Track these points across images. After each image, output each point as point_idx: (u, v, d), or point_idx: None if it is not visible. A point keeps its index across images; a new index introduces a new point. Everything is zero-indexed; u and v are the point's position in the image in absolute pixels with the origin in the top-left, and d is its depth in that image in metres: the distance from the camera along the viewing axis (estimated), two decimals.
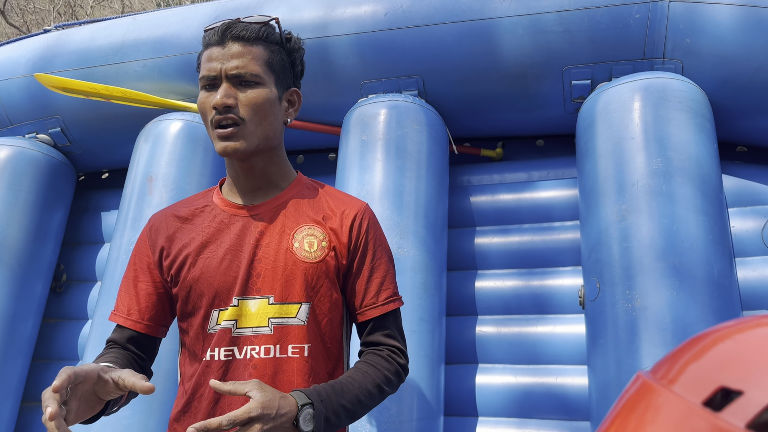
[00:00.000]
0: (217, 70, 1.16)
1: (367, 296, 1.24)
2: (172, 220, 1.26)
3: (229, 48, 1.16)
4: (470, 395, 2.19)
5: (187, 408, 1.20)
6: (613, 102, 2.08)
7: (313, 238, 1.22)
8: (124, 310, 1.24)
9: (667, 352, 1.67)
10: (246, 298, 1.17)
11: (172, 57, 2.52)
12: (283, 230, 1.21)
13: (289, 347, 1.17)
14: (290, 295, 1.18)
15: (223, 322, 1.17)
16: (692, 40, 2.08)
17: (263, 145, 1.19)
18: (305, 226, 1.22)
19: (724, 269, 1.81)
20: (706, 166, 1.93)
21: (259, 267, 1.18)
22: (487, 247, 2.41)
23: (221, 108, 1.14)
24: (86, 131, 2.72)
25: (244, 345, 1.16)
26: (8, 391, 2.41)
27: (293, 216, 1.23)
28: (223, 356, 1.16)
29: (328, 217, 1.25)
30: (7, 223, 2.50)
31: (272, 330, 1.16)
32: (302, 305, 1.18)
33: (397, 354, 1.25)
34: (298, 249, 1.20)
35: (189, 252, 1.21)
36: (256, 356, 1.15)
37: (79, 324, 2.69)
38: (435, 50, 2.29)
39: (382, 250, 1.29)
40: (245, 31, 1.17)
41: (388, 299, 1.26)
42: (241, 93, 1.16)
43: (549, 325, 2.21)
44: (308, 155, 2.84)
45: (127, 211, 2.41)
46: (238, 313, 1.17)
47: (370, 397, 1.16)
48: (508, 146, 2.67)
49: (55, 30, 2.85)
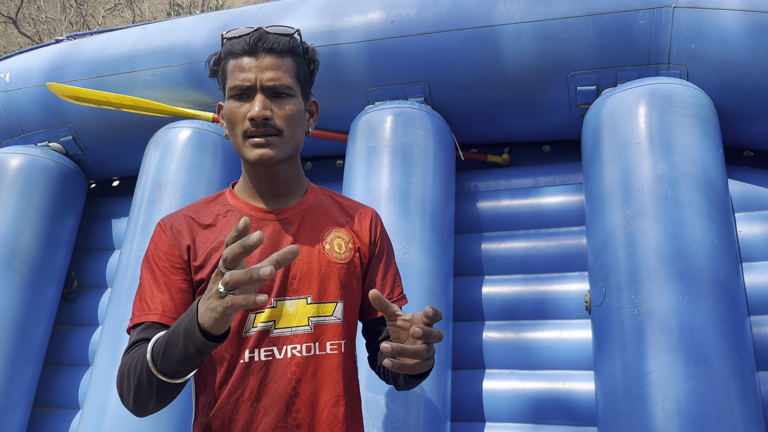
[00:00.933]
0: (251, 81, 1.18)
1: (384, 291, 1.33)
2: (192, 223, 1.26)
3: (262, 59, 1.19)
4: (477, 400, 2.20)
5: (221, 413, 1.19)
6: (618, 107, 2.09)
7: (341, 240, 1.30)
8: (158, 308, 1.18)
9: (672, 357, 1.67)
10: (284, 299, 1.21)
11: (182, 66, 2.55)
12: (313, 233, 1.27)
13: (327, 344, 1.22)
14: (326, 295, 1.24)
15: (260, 324, 1.19)
16: (697, 45, 2.09)
17: (293, 154, 1.25)
18: (332, 229, 1.30)
19: (731, 274, 1.81)
20: (712, 171, 1.93)
21: (295, 269, 1.22)
22: (493, 253, 2.42)
23: (260, 120, 1.16)
24: (97, 139, 2.76)
25: (284, 344, 1.19)
26: (20, 397, 2.44)
27: (320, 220, 1.30)
28: (264, 356, 1.19)
29: (348, 221, 1.34)
30: (20, 230, 2.54)
31: (312, 328, 1.22)
32: (338, 303, 1.25)
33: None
34: (330, 251, 1.27)
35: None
36: (297, 354, 1.19)
37: (90, 330, 2.71)
38: (441, 57, 2.31)
39: (390, 251, 1.40)
40: (277, 44, 1.20)
41: (400, 295, 1.37)
42: (275, 105, 1.19)
43: (555, 330, 2.21)
44: (316, 162, 2.86)
45: (137, 218, 2.43)
46: (276, 314, 1.20)
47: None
48: (514, 152, 2.68)
49: (67, 40, 2.90)
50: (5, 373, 2.39)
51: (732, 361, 1.69)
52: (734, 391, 1.67)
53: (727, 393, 1.66)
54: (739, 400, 1.66)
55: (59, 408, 2.61)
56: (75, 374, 2.63)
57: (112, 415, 2.10)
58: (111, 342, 2.24)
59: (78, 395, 2.59)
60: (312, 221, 1.29)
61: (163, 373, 1.02)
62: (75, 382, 2.61)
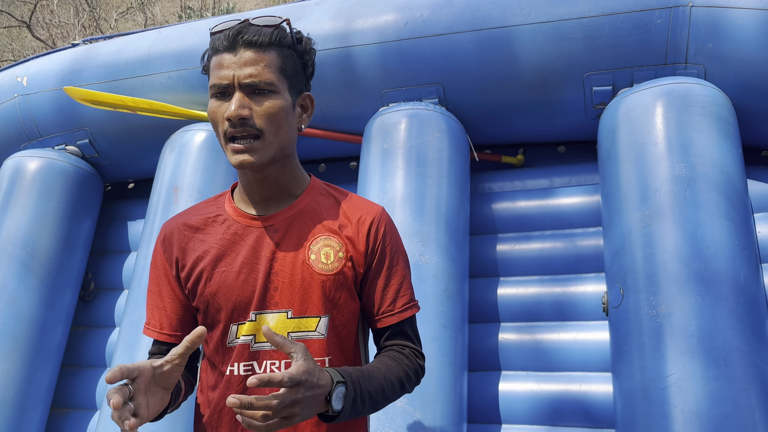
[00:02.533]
0: (229, 78, 1.09)
1: (384, 303, 1.22)
2: (184, 229, 1.23)
3: (241, 55, 1.10)
4: (493, 402, 2.19)
5: (210, 420, 1.21)
6: (635, 108, 2.07)
7: (330, 249, 1.19)
8: (156, 325, 1.23)
9: (691, 359, 1.65)
10: (264, 313, 1.16)
11: (197, 69, 2.56)
12: (299, 242, 1.18)
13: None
14: (308, 309, 1.16)
15: (242, 337, 1.17)
16: (714, 44, 2.07)
17: (279, 155, 1.15)
18: (321, 237, 1.19)
19: (750, 275, 1.79)
20: (731, 171, 1.91)
21: (276, 280, 1.16)
22: (509, 254, 2.41)
23: (236, 120, 1.08)
24: (113, 142, 2.78)
25: (263, 359, 1.16)
26: (38, 398, 2.47)
27: (308, 226, 1.20)
28: (243, 371, 1.16)
29: (344, 226, 1.22)
30: (38, 233, 2.57)
31: None
32: (321, 318, 1.17)
33: (416, 355, 1.25)
34: (315, 261, 1.17)
35: (204, 265, 1.19)
36: (276, 370, 1.15)
37: (107, 332, 2.73)
38: (455, 59, 2.30)
39: (399, 255, 1.26)
40: (257, 36, 1.10)
41: (405, 306, 1.23)
42: (255, 103, 1.10)
43: (572, 332, 2.20)
44: (330, 164, 2.86)
45: (153, 221, 2.45)
46: (256, 327, 1.16)
47: (393, 390, 1.16)
48: (529, 153, 2.67)
49: (83, 44, 2.92)
50: (24, 375, 2.42)
51: (753, 363, 1.67)
52: (755, 393, 1.65)
53: (748, 395, 1.64)
54: (759, 403, 1.64)
55: (77, 409, 2.63)
56: (93, 375, 2.66)
57: None
58: (128, 343, 2.26)
59: (96, 396, 2.61)
60: (299, 228, 1.20)
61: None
62: (93, 383, 2.63)
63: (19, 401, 2.39)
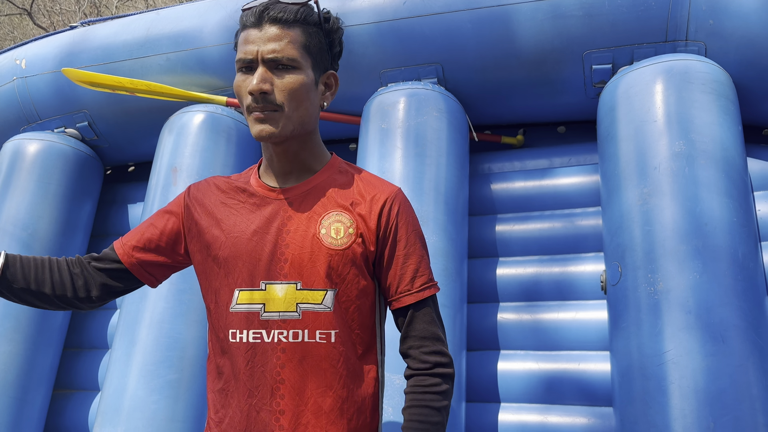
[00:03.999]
0: (253, 53, 1.14)
1: (402, 283, 1.22)
2: (214, 189, 1.30)
3: (266, 30, 1.15)
4: (492, 381, 2.20)
5: (226, 386, 1.22)
6: (634, 85, 2.06)
7: (340, 224, 1.21)
8: (125, 239, 1.32)
9: (689, 335, 1.66)
10: (273, 283, 1.18)
11: (194, 50, 2.56)
12: (311, 216, 1.21)
13: (316, 332, 1.17)
14: (315, 282, 1.18)
15: (250, 305, 1.18)
16: (715, 21, 2.05)
17: (299, 130, 1.18)
18: (333, 212, 1.21)
19: (749, 252, 1.79)
20: (731, 149, 1.90)
21: (287, 252, 1.19)
22: (508, 234, 2.40)
23: (257, 94, 1.13)
24: (112, 125, 2.78)
25: (272, 329, 1.17)
26: (41, 379, 2.49)
27: (322, 201, 1.22)
28: (252, 338, 1.18)
29: (356, 203, 1.23)
30: (38, 216, 2.57)
31: (300, 315, 1.17)
32: (327, 292, 1.18)
33: (439, 357, 1.20)
34: (325, 236, 1.19)
35: (220, 229, 1.23)
36: (284, 340, 1.17)
37: (109, 313, 2.75)
38: (454, 38, 2.29)
39: (415, 235, 1.25)
40: (283, 13, 1.15)
41: (423, 286, 1.22)
42: (277, 78, 1.14)
43: (571, 311, 2.20)
44: (329, 146, 2.86)
45: (152, 202, 2.45)
46: (266, 297, 1.18)
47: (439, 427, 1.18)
48: (529, 133, 2.66)
49: (81, 26, 2.91)
50: (27, 356, 2.43)
51: (750, 340, 1.67)
52: (752, 369, 1.65)
53: (745, 371, 1.64)
54: (757, 379, 1.64)
55: (79, 390, 2.66)
56: (95, 357, 2.67)
57: (131, 395, 2.13)
58: (128, 325, 2.27)
59: (98, 377, 2.63)
60: (312, 203, 1.22)
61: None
62: (95, 364, 2.65)
63: (21, 382, 2.41)
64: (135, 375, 2.16)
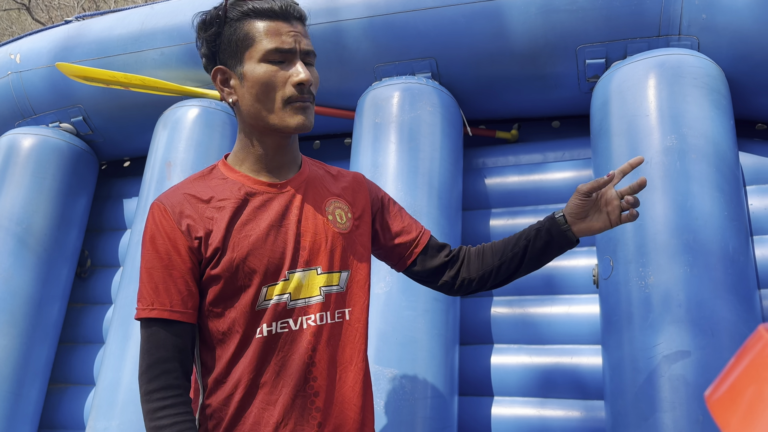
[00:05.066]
0: (292, 45, 1.18)
1: (413, 230, 1.41)
2: (194, 201, 1.20)
3: (295, 25, 1.20)
4: (485, 375, 2.20)
5: (241, 389, 1.16)
6: (627, 80, 2.06)
7: (341, 210, 1.30)
8: (165, 303, 1.15)
9: (680, 329, 1.66)
10: (295, 271, 1.21)
11: (189, 44, 2.55)
12: (316, 204, 1.27)
13: (336, 312, 1.25)
14: (334, 264, 1.25)
15: (275, 297, 1.18)
16: (708, 15, 2.05)
17: None
18: (332, 200, 1.31)
19: (740, 246, 1.79)
20: (722, 143, 1.91)
21: (303, 240, 1.23)
22: (502, 229, 2.41)
23: (308, 84, 1.18)
24: (107, 120, 2.78)
25: (298, 316, 1.20)
26: (36, 374, 2.49)
27: (319, 191, 1.30)
28: (280, 329, 1.19)
29: (345, 190, 1.35)
30: (33, 210, 2.58)
31: (324, 298, 1.23)
32: (342, 273, 1.27)
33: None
34: (333, 221, 1.27)
35: (227, 232, 1.18)
36: (312, 324, 1.20)
37: (104, 308, 2.75)
38: (448, 32, 2.28)
39: (390, 196, 1.46)
40: (301, 13, 1.23)
41: (422, 227, 1.45)
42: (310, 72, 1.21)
43: (564, 305, 2.21)
44: (324, 140, 2.86)
45: (147, 197, 2.46)
46: (290, 286, 1.20)
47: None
48: (523, 128, 2.66)
49: (76, 21, 2.91)
50: (22, 351, 2.44)
51: (740, 333, 1.68)
52: None
53: None
54: None
55: (74, 384, 2.67)
56: (89, 351, 2.68)
57: (125, 389, 2.13)
58: (123, 320, 2.28)
59: (93, 371, 2.63)
60: (313, 192, 1.29)
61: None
62: (90, 358, 2.66)
63: (17, 376, 2.42)
64: (129, 369, 2.16)
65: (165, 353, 1.15)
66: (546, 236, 1.34)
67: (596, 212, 1.32)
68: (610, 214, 1.30)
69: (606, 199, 1.31)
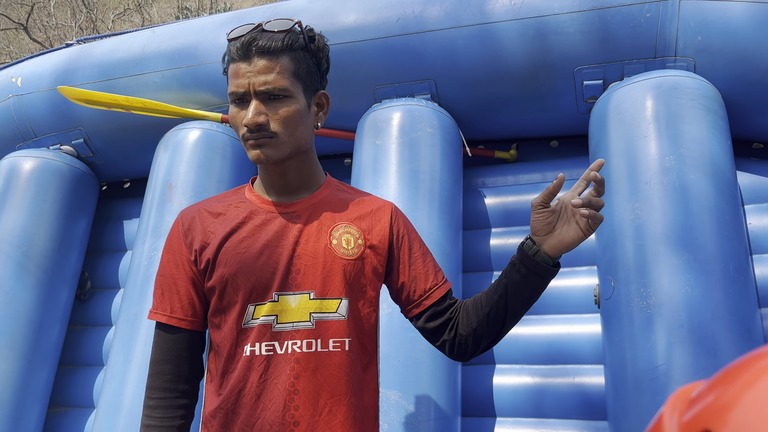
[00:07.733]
0: (245, 87, 1.16)
1: (429, 279, 1.30)
2: (205, 215, 1.27)
3: (255, 63, 1.16)
4: (488, 395, 2.20)
5: (225, 404, 1.20)
6: (625, 101, 2.08)
7: (350, 235, 1.26)
8: (166, 308, 1.24)
9: (682, 349, 1.67)
10: (286, 294, 1.19)
11: (190, 67, 2.58)
12: (320, 228, 1.24)
13: (330, 341, 1.19)
14: (330, 291, 1.21)
15: (262, 318, 1.19)
16: (704, 37, 2.08)
17: (295, 152, 1.22)
18: (342, 224, 1.26)
19: (740, 265, 1.80)
20: (720, 163, 1.93)
21: (299, 263, 1.21)
22: (502, 249, 2.42)
23: (253, 126, 1.15)
24: (108, 142, 2.79)
25: (285, 340, 1.18)
26: (36, 396, 2.48)
27: (329, 215, 1.27)
28: (264, 351, 1.18)
29: (362, 217, 1.29)
30: (33, 232, 2.58)
31: (314, 324, 1.19)
32: (342, 300, 1.21)
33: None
34: (337, 246, 1.23)
35: (224, 246, 1.22)
36: (297, 350, 1.17)
37: (104, 330, 2.75)
38: (447, 54, 2.31)
39: (420, 240, 1.35)
40: (270, 43, 1.16)
41: (445, 278, 1.33)
42: (271, 109, 1.16)
43: (565, 324, 2.21)
44: (324, 161, 2.87)
45: (148, 219, 2.46)
46: (278, 308, 1.19)
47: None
48: (522, 148, 2.68)
49: (77, 44, 2.93)
50: (22, 374, 2.43)
51: (743, 353, 1.68)
52: None
53: None
54: None
55: (75, 407, 2.65)
56: (90, 374, 2.67)
57: (126, 413, 2.12)
58: (124, 341, 2.27)
59: (93, 394, 2.62)
60: (320, 215, 1.26)
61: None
62: (90, 381, 2.65)
63: (17, 399, 2.40)
64: (131, 392, 2.16)
65: (162, 355, 1.24)
66: (521, 268, 1.20)
67: (564, 224, 1.18)
68: (579, 222, 1.17)
69: (573, 209, 1.18)
